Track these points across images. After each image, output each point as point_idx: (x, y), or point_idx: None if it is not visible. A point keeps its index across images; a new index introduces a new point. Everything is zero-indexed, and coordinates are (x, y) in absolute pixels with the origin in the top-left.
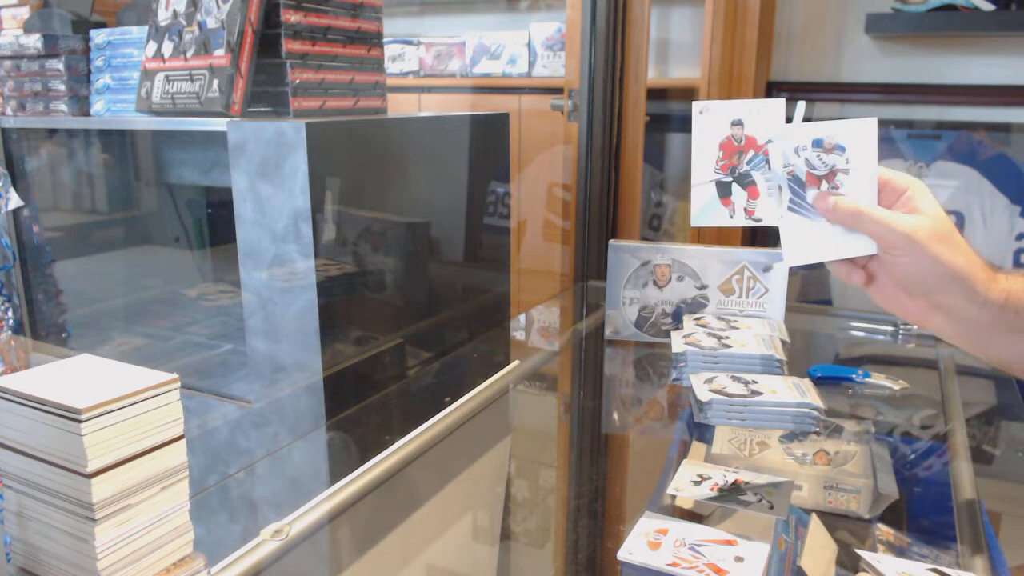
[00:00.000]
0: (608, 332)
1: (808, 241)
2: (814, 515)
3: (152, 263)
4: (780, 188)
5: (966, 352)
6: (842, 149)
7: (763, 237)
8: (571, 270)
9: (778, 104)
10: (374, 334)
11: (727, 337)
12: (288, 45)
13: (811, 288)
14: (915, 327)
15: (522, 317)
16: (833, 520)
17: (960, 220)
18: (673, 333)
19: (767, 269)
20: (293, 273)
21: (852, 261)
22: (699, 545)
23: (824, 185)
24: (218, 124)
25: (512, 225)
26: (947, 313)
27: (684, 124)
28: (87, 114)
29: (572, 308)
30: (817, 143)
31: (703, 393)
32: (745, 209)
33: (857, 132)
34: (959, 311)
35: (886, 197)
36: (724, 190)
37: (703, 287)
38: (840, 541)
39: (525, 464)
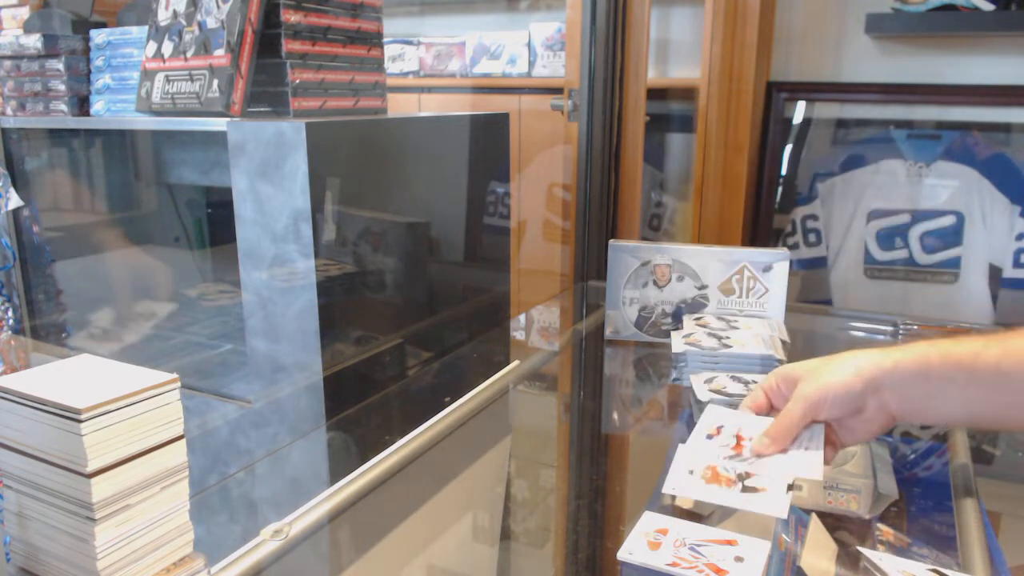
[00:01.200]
0: (608, 332)
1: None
2: (814, 515)
3: (152, 263)
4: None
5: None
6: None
7: (763, 237)
8: (571, 270)
9: None
10: (374, 334)
11: (727, 337)
12: (288, 45)
13: (811, 288)
14: (915, 327)
15: (522, 317)
16: (833, 520)
17: (960, 220)
18: (673, 333)
19: (767, 269)
20: (293, 273)
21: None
22: (699, 545)
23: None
24: (218, 124)
25: (512, 225)
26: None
27: (684, 124)
28: (87, 114)
29: (572, 308)
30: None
31: (703, 393)
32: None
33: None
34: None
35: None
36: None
37: (703, 287)
38: (840, 541)
39: (525, 464)
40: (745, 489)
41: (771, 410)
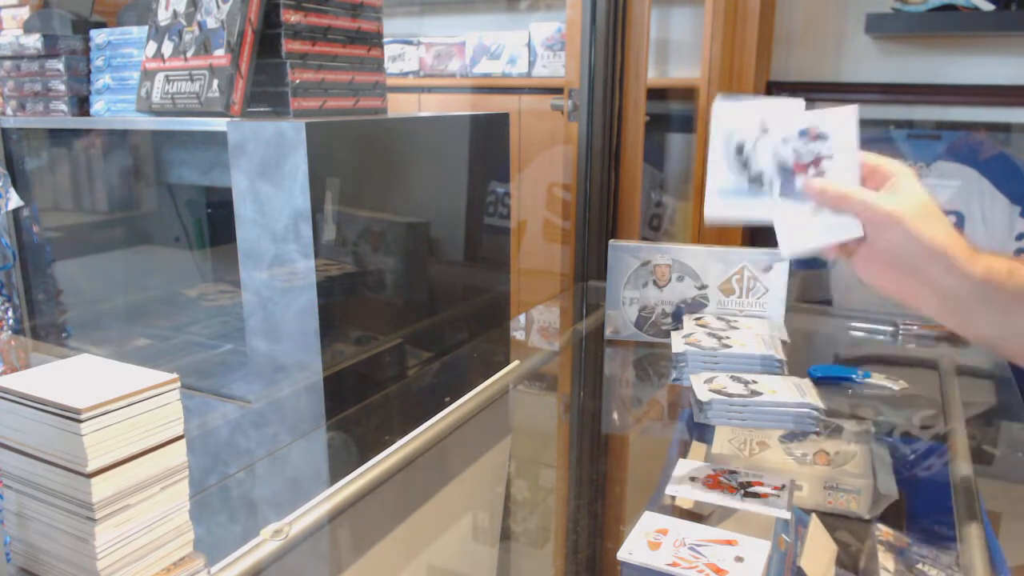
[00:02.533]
0: (608, 332)
1: (800, 230)
2: (814, 515)
3: (152, 263)
4: (771, 182)
5: (952, 330)
6: (825, 137)
7: (763, 237)
8: (571, 270)
9: (796, 104)
10: (374, 334)
11: (727, 337)
12: (288, 45)
13: (811, 288)
14: (915, 327)
15: (522, 317)
16: (833, 520)
17: (960, 220)
18: (673, 333)
19: (767, 269)
20: (293, 273)
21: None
22: (699, 545)
23: (811, 171)
24: (218, 124)
25: (512, 225)
26: (931, 288)
27: (684, 124)
28: (87, 114)
29: (572, 308)
30: (803, 133)
31: (703, 393)
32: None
33: (838, 120)
34: (942, 285)
35: (873, 181)
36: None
37: (703, 287)
38: (840, 541)
39: (525, 464)
40: (747, 496)
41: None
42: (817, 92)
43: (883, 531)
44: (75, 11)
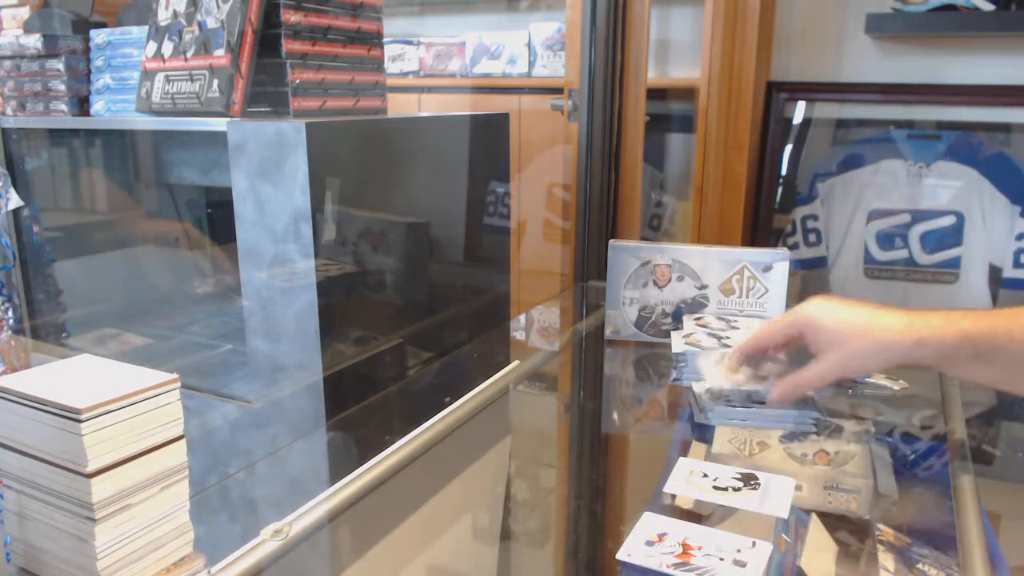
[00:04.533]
0: (608, 332)
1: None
2: (814, 515)
3: (152, 263)
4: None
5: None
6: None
7: (763, 237)
8: (571, 270)
9: None
10: (374, 334)
11: (727, 337)
12: (288, 45)
13: (811, 288)
14: None
15: (522, 317)
16: (833, 520)
17: (960, 220)
18: (673, 333)
19: (767, 269)
20: (293, 273)
21: None
22: (699, 545)
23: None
24: (218, 124)
25: (512, 225)
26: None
27: (684, 124)
28: (87, 114)
29: (572, 308)
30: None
31: (702, 392)
32: None
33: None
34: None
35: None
36: None
37: (703, 287)
38: (840, 541)
39: (525, 464)
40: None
41: (780, 349)
42: (817, 92)
43: (883, 531)
44: (75, 11)
